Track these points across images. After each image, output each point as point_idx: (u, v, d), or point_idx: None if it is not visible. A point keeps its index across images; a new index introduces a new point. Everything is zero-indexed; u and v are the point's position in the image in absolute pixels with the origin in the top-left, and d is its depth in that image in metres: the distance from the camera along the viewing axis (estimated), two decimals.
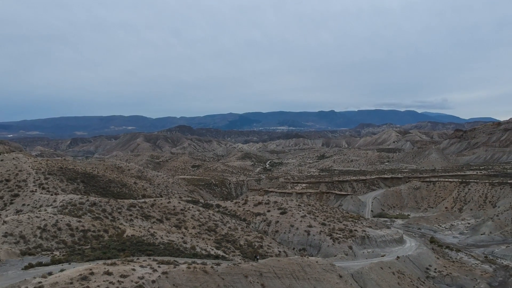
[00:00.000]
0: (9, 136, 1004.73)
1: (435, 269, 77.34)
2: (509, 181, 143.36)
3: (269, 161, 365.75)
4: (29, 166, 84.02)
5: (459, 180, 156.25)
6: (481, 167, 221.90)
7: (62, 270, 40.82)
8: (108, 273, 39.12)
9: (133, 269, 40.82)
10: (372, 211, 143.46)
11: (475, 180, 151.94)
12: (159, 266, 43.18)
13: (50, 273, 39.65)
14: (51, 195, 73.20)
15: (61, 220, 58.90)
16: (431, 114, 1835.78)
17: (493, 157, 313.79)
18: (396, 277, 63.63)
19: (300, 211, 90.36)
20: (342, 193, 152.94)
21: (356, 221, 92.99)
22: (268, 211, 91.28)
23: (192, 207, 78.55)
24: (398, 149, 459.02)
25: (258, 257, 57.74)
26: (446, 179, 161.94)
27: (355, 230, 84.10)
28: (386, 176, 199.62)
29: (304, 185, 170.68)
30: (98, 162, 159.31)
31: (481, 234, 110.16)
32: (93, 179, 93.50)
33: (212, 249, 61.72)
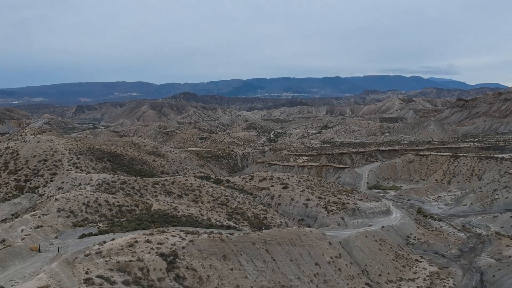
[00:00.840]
0: (14, 102, 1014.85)
1: (415, 237, 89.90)
2: (495, 155, 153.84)
3: (273, 131, 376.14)
4: (62, 147, 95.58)
5: (450, 154, 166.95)
6: (475, 139, 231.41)
7: (113, 239, 52.90)
8: (148, 241, 50.85)
9: (167, 238, 52.70)
10: (367, 183, 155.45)
11: (465, 154, 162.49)
12: (186, 235, 54.89)
13: (104, 242, 51.69)
14: (86, 174, 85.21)
15: (100, 197, 70.86)
16: (437, 80, 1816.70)
17: (491, 128, 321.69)
18: (378, 244, 76.10)
19: (300, 186, 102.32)
20: (341, 166, 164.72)
21: (349, 194, 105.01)
22: (272, 186, 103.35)
23: (206, 183, 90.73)
24: (400, 117, 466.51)
25: (263, 228, 69.46)
26: (438, 153, 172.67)
27: (347, 203, 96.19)
28: (383, 148, 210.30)
29: (306, 157, 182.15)
30: (117, 139, 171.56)
31: (463, 205, 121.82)
32: (118, 157, 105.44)
33: (225, 221, 73.86)
